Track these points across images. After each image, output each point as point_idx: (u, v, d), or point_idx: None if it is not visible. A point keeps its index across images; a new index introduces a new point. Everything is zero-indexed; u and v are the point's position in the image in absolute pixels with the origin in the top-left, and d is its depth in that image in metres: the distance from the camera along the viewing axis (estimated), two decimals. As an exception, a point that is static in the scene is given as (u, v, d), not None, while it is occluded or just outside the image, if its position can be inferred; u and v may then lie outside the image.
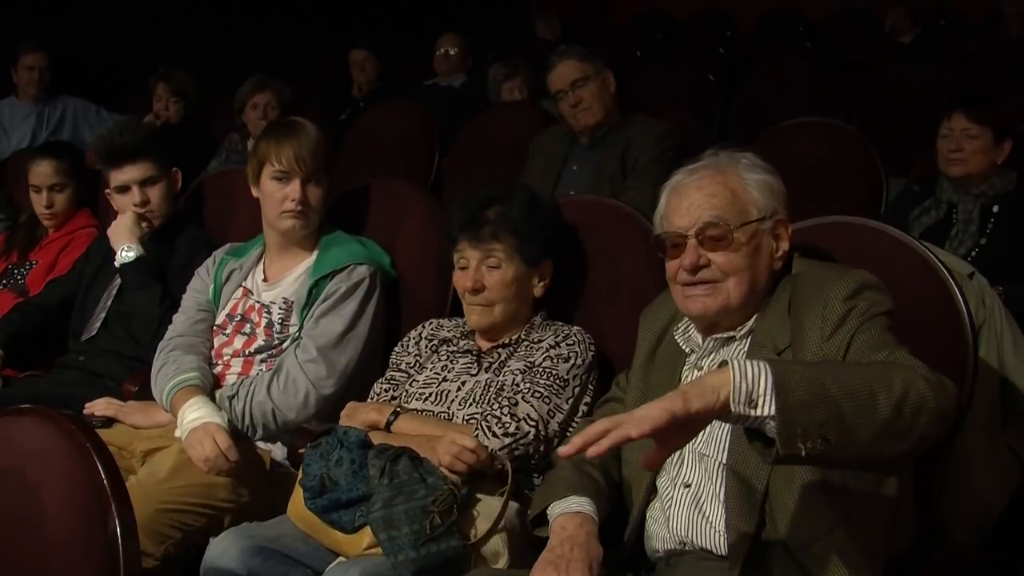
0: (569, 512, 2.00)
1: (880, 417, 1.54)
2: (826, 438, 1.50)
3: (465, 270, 2.46)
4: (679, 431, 1.51)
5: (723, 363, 1.55)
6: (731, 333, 1.99)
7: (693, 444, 1.95)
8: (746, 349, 1.96)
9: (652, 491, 2.03)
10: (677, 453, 1.99)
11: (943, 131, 3.39)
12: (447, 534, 1.96)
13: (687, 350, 2.07)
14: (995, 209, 3.30)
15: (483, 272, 2.43)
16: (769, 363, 1.53)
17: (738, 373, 1.51)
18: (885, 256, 2.16)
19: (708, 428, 1.92)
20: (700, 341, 2.05)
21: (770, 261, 1.98)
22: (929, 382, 1.60)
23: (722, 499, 1.88)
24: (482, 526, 2.03)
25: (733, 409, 1.51)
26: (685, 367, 2.06)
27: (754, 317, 1.98)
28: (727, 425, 1.90)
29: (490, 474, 2.15)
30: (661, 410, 1.47)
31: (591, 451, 1.54)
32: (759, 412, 1.51)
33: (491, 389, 2.34)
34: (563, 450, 1.58)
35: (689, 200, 1.97)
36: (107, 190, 3.26)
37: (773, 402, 1.49)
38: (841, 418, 1.51)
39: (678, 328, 2.10)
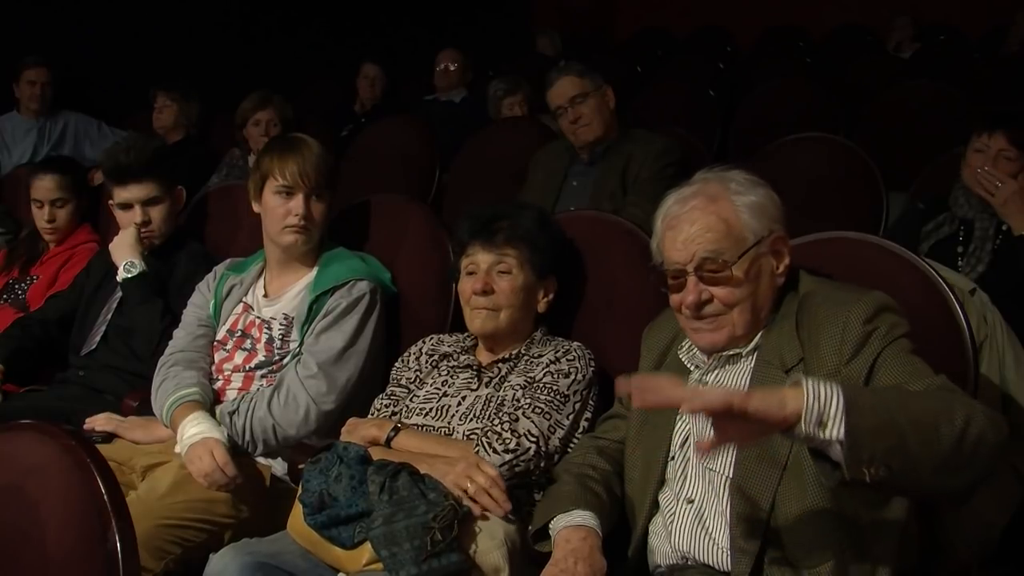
0: (573, 525, 2.00)
1: (942, 448, 1.55)
2: (889, 466, 1.51)
3: (473, 275, 2.47)
4: (735, 423, 1.51)
5: (796, 382, 1.55)
6: (737, 350, 1.98)
7: (700, 459, 1.95)
8: (752, 365, 1.96)
9: (654, 506, 2.03)
10: (681, 468, 1.99)
11: (977, 145, 3.25)
12: (448, 550, 1.96)
13: (691, 367, 2.07)
14: (1004, 227, 3.26)
15: (493, 276, 2.45)
16: (841, 386, 1.53)
17: (811, 393, 1.51)
18: (885, 272, 2.16)
19: None
20: (705, 358, 2.04)
21: (772, 280, 1.98)
22: (986, 415, 1.61)
23: (727, 516, 1.87)
24: (483, 542, 2.03)
25: (804, 429, 1.51)
26: (690, 383, 2.05)
27: (759, 334, 1.98)
28: None
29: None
30: (722, 393, 1.49)
31: (636, 401, 1.60)
32: (827, 435, 1.51)
33: (491, 404, 2.34)
34: (620, 386, 1.61)
35: (684, 235, 1.96)
36: (110, 201, 3.27)
37: (842, 425, 1.50)
38: (905, 447, 1.52)
39: (682, 347, 2.10)
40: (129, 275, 3.10)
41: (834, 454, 1.53)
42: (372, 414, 2.50)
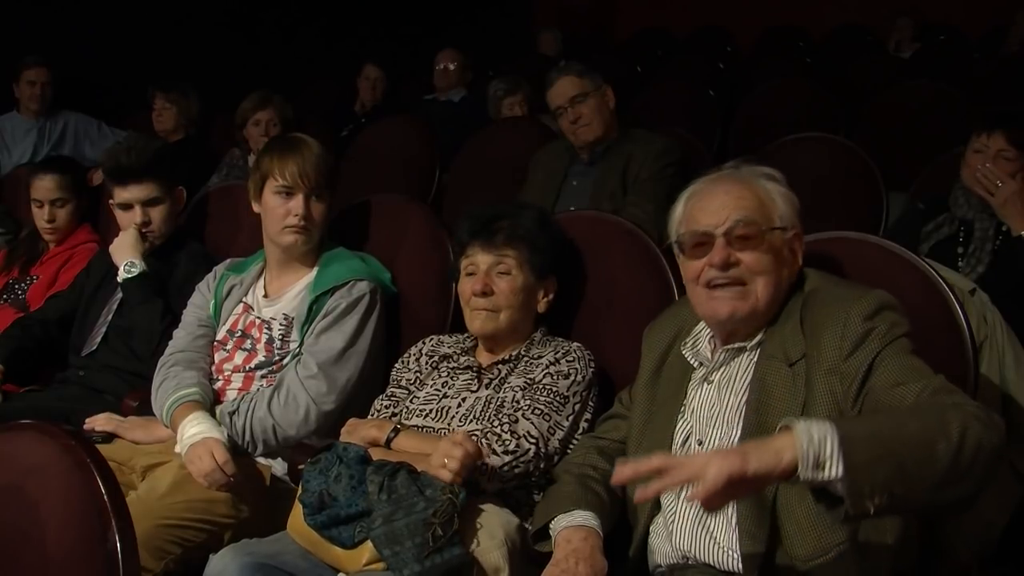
0: (574, 526, 2.01)
1: (940, 466, 1.54)
2: (891, 492, 1.51)
3: (473, 275, 2.47)
4: (736, 488, 1.50)
5: (785, 427, 1.55)
6: (742, 343, 1.99)
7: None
8: (756, 360, 1.96)
9: (656, 506, 2.03)
10: None
11: (976, 145, 3.26)
12: (450, 544, 1.96)
13: (695, 364, 2.06)
14: (1004, 228, 3.25)
15: (493, 277, 2.45)
16: (833, 424, 1.53)
17: (804, 437, 1.51)
18: (885, 271, 2.16)
19: (715, 441, 1.94)
20: (710, 354, 2.04)
21: (789, 272, 1.99)
22: (981, 421, 1.59)
23: (729, 515, 1.87)
24: (483, 542, 2.03)
25: (802, 475, 1.50)
26: (692, 381, 2.06)
27: (764, 329, 1.98)
28: (735, 437, 1.90)
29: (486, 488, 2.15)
30: (718, 471, 1.47)
31: (639, 495, 1.58)
32: (826, 475, 1.50)
33: (491, 406, 2.33)
34: (615, 479, 1.59)
35: (718, 201, 1.98)
36: (111, 201, 3.27)
37: (840, 464, 1.49)
38: (904, 472, 1.52)
39: (686, 343, 2.10)
40: (129, 275, 3.10)
41: (836, 490, 1.52)
42: (372, 415, 2.50)
